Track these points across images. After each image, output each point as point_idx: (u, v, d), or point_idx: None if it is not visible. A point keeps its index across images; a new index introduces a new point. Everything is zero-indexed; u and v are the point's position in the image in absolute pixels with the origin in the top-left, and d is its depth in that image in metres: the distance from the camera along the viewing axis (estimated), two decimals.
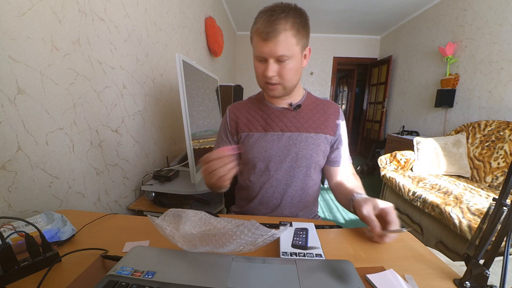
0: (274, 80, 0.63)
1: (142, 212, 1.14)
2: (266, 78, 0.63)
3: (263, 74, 0.64)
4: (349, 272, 0.37)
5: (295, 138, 0.71)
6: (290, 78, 0.64)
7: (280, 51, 0.58)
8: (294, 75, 0.65)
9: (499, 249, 0.36)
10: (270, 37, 0.57)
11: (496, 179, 1.81)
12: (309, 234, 0.50)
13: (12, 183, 0.63)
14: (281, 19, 0.57)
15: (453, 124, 2.61)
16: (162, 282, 0.33)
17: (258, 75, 0.66)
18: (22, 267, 0.39)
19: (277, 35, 0.57)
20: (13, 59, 0.62)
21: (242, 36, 4.32)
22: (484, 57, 2.25)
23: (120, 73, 1.07)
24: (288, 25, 0.58)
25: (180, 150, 1.77)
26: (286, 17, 0.58)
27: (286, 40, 0.58)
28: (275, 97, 0.70)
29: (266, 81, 0.64)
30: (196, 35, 2.12)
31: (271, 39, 0.57)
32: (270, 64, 0.61)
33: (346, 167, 0.77)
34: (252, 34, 0.63)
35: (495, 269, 0.43)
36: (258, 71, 0.65)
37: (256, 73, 0.67)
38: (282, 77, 0.63)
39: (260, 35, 0.59)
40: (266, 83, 0.65)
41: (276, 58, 0.60)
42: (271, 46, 0.58)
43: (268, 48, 0.59)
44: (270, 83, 0.64)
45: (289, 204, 0.74)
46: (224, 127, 0.80)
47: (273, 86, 0.65)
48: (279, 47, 0.58)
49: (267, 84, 0.65)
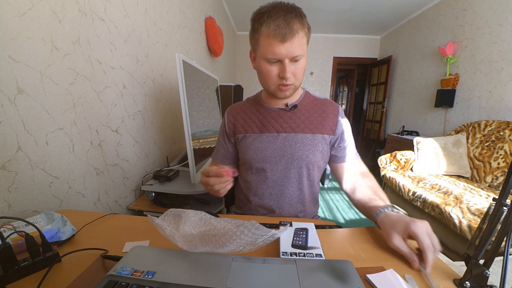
0: (290, 81, 0.63)
1: (142, 212, 1.14)
2: (282, 80, 0.63)
3: (278, 76, 0.63)
4: (349, 272, 0.37)
5: (290, 139, 0.71)
6: (301, 78, 0.66)
7: (297, 51, 0.59)
8: (303, 74, 0.66)
9: (499, 249, 0.36)
10: (288, 38, 0.57)
11: (496, 179, 1.81)
12: (309, 234, 0.50)
13: (12, 183, 0.63)
14: (293, 18, 0.58)
15: (453, 124, 2.61)
16: (162, 282, 0.33)
17: (270, 77, 0.64)
18: (22, 267, 0.39)
19: (294, 35, 0.57)
20: (13, 59, 0.62)
21: (242, 36, 4.32)
22: (484, 57, 2.25)
23: (120, 73, 1.07)
24: (299, 24, 0.58)
25: (180, 150, 1.77)
26: (296, 17, 0.58)
27: (300, 39, 0.59)
28: (286, 97, 0.69)
29: (281, 83, 0.64)
30: (196, 35, 2.12)
31: (288, 40, 0.57)
32: (287, 65, 0.60)
33: (354, 163, 0.74)
34: (261, 34, 0.60)
35: (495, 269, 0.43)
36: (271, 74, 0.63)
37: (267, 76, 0.64)
38: (296, 77, 0.64)
39: (276, 36, 0.57)
40: (279, 85, 0.64)
41: (292, 58, 0.60)
42: (287, 47, 0.58)
43: (284, 49, 0.58)
44: (284, 84, 0.64)
45: (287, 205, 0.73)
46: (222, 131, 0.80)
47: (287, 87, 0.65)
48: (295, 47, 0.58)
49: (281, 86, 0.64)
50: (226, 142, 0.79)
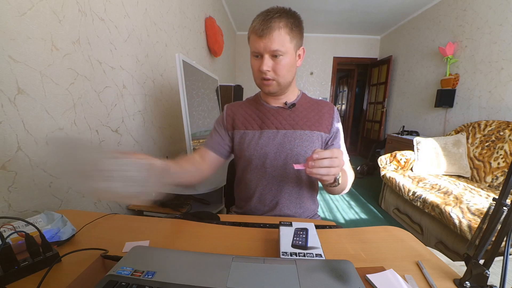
0: (269, 75, 0.66)
1: (142, 212, 1.14)
2: (262, 74, 0.66)
3: (258, 70, 0.67)
4: (349, 272, 0.37)
5: (290, 136, 0.73)
6: (284, 74, 0.67)
7: (274, 46, 0.62)
8: (288, 71, 0.68)
9: (499, 249, 0.36)
10: (265, 33, 0.62)
11: (496, 179, 1.81)
12: (309, 234, 0.50)
13: (12, 183, 0.63)
14: (275, 18, 0.62)
15: (453, 124, 2.61)
16: (162, 282, 0.33)
17: (254, 71, 0.69)
18: (22, 267, 0.39)
19: (271, 32, 0.62)
20: (13, 59, 0.62)
21: (242, 36, 4.31)
22: (484, 57, 2.25)
23: (120, 73, 1.07)
24: (282, 23, 0.63)
25: (180, 150, 1.77)
26: (280, 17, 0.63)
27: (280, 36, 0.63)
28: (271, 94, 0.73)
29: (262, 77, 0.67)
30: (196, 35, 2.12)
31: (266, 35, 0.62)
32: (265, 59, 0.64)
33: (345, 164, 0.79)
34: (249, 33, 0.67)
35: (495, 269, 0.43)
36: (254, 68, 0.69)
37: (253, 70, 0.70)
38: (276, 73, 0.66)
39: (256, 32, 0.63)
40: (261, 79, 0.68)
41: (270, 53, 0.64)
42: (266, 42, 0.63)
43: (263, 44, 0.63)
44: (265, 79, 0.67)
45: (287, 201, 0.75)
46: (220, 122, 0.81)
47: (268, 82, 0.68)
48: (273, 42, 0.62)
49: (263, 80, 0.68)
50: (223, 133, 0.80)
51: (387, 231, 0.58)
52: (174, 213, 1.13)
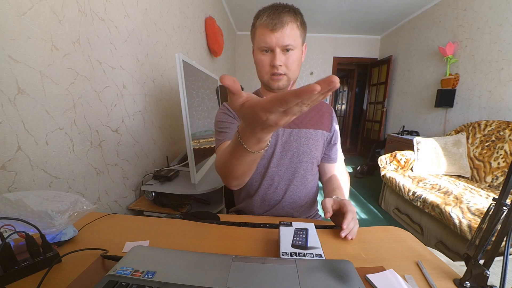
0: (281, 70, 0.65)
1: (142, 212, 1.14)
2: (274, 69, 0.65)
3: (269, 65, 0.65)
4: (349, 272, 0.37)
5: (295, 134, 0.73)
6: (294, 69, 0.66)
7: (287, 40, 0.62)
8: (297, 67, 0.67)
9: (499, 249, 0.36)
10: (278, 27, 0.61)
11: (496, 179, 1.81)
12: (309, 234, 0.50)
13: (12, 183, 0.63)
14: (285, 12, 0.62)
15: (453, 124, 2.61)
16: (162, 282, 0.33)
17: (262, 67, 0.66)
18: (22, 267, 0.39)
19: (284, 25, 0.61)
20: (13, 59, 0.62)
21: (242, 36, 4.31)
22: (484, 57, 2.25)
23: (120, 73, 1.07)
24: (292, 17, 0.63)
25: (180, 150, 1.77)
26: (290, 12, 0.63)
27: (292, 30, 0.62)
28: (279, 89, 0.68)
29: (273, 72, 0.65)
30: (196, 35, 2.11)
31: (278, 29, 0.61)
32: (278, 53, 0.63)
33: (340, 165, 0.83)
34: (256, 27, 0.65)
35: (495, 269, 0.43)
36: (263, 63, 0.66)
37: (260, 66, 0.67)
38: (288, 67, 0.65)
39: (266, 25, 0.62)
40: (272, 75, 0.66)
41: (282, 47, 0.62)
42: (278, 36, 0.61)
43: (275, 38, 0.61)
44: (276, 74, 0.65)
45: (290, 200, 0.75)
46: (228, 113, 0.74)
47: (279, 77, 0.66)
48: (286, 36, 0.61)
49: (273, 76, 0.66)
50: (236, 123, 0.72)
51: (387, 231, 0.58)
52: (174, 213, 1.13)
